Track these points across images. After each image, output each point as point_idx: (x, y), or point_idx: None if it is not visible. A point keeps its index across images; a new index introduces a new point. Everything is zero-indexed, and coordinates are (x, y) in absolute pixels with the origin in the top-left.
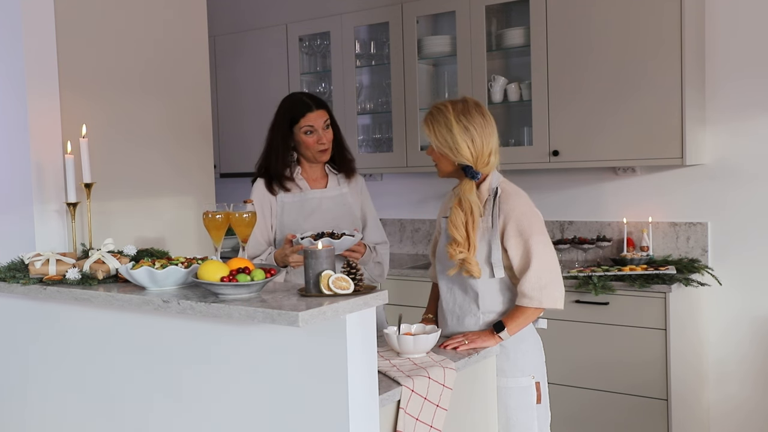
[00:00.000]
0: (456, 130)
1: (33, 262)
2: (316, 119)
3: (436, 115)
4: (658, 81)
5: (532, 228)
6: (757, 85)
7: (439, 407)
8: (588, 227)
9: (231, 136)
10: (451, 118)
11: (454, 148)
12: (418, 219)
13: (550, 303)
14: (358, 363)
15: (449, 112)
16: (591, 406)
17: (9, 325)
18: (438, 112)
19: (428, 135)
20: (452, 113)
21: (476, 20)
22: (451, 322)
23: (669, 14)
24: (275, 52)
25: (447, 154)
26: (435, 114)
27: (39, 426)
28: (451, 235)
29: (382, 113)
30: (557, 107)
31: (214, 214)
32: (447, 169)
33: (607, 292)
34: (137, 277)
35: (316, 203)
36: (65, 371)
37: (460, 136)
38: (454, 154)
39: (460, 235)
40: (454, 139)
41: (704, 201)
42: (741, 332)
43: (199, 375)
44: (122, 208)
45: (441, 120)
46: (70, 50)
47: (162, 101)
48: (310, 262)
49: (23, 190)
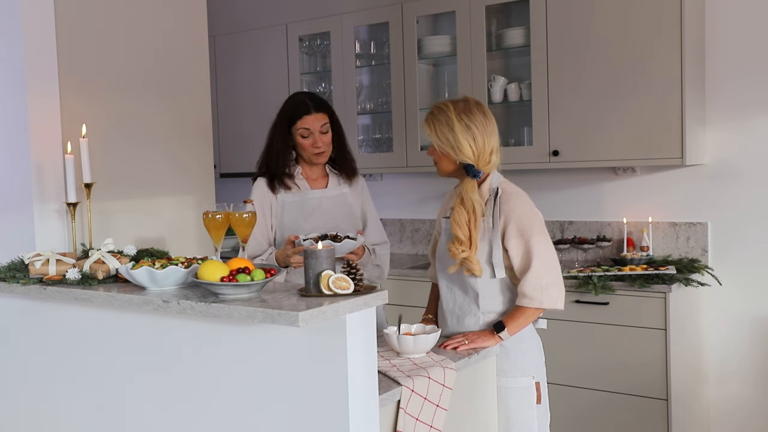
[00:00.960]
0: (458, 128)
1: (33, 262)
2: (313, 122)
3: (438, 114)
4: (658, 81)
5: (533, 228)
6: (758, 84)
7: (439, 407)
8: (588, 227)
9: (231, 136)
10: (452, 116)
11: (456, 147)
12: (418, 219)
13: (551, 303)
14: (358, 363)
15: (450, 111)
16: (591, 407)
17: (9, 325)
18: (439, 111)
19: (429, 134)
20: (453, 112)
21: (476, 20)
22: (451, 322)
23: (669, 14)
24: (275, 52)
25: (448, 153)
26: (436, 113)
27: (39, 426)
28: (454, 234)
29: (382, 113)
30: (557, 107)
31: (214, 214)
32: (448, 168)
33: (607, 292)
34: (137, 277)
35: (317, 203)
36: (65, 371)
37: (462, 135)
38: (456, 152)
39: (464, 233)
40: (456, 138)
41: (704, 201)
42: (741, 332)
43: (199, 375)
44: (122, 208)
45: (442, 119)
46: (70, 50)
47: (162, 101)
48: (310, 262)
49: (23, 190)
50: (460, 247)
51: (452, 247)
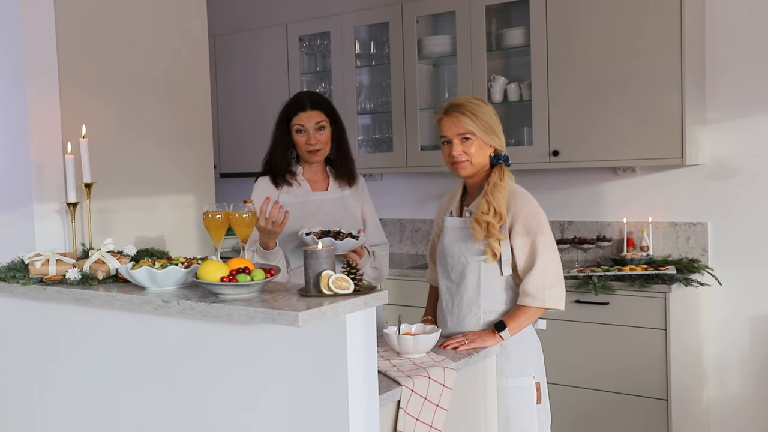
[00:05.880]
0: (495, 118)
1: (33, 262)
2: (308, 119)
3: (474, 105)
4: (658, 81)
5: (539, 228)
6: (758, 84)
7: (439, 407)
8: (588, 227)
9: (231, 136)
10: (489, 107)
11: (497, 135)
12: (418, 219)
13: (552, 303)
14: (358, 363)
15: (484, 103)
16: (591, 407)
17: (9, 325)
18: (473, 103)
19: (469, 124)
20: (486, 105)
21: (476, 20)
22: (450, 322)
23: (669, 14)
24: (275, 52)
25: (492, 140)
26: (471, 104)
27: (39, 426)
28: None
29: (382, 113)
30: (557, 107)
31: (214, 214)
32: (483, 160)
33: (607, 292)
34: (137, 277)
35: (318, 205)
36: (65, 371)
37: (498, 125)
38: (500, 139)
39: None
40: (497, 125)
41: (704, 201)
42: (741, 332)
43: (199, 375)
44: (122, 207)
45: (482, 107)
46: (70, 49)
47: (162, 101)
48: (310, 262)
49: (23, 190)
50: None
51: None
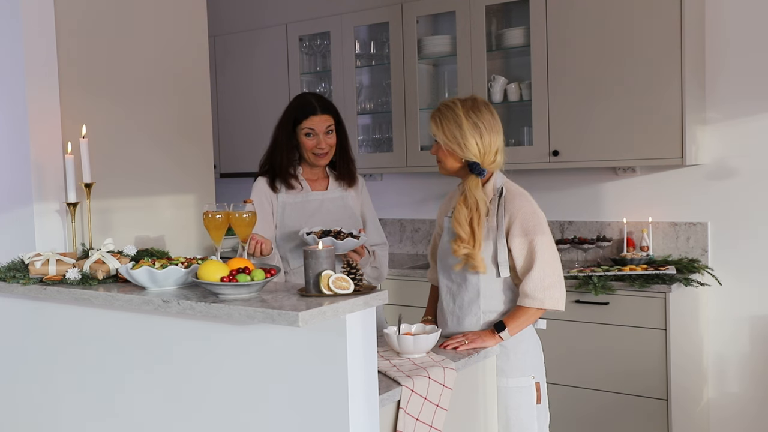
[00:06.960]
0: (465, 125)
1: (33, 262)
2: (319, 123)
3: (445, 111)
4: (658, 81)
5: (537, 228)
6: (758, 85)
7: (439, 407)
8: (588, 227)
9: (231, 136)
10: (460, 114)
11: (463, 144)
12: (418, 219)
13: (552, 304)
14: (358, 363)
15: (458, 108)
16: (591, 407)
17: (9, 325)
18: (446, 108)
19: (435, 131)
20: (461, 109)
21: (476, 20)
22: (451, 322)
23: (669, 14)
24: (275, 52)
25: (455, 151)
26: (443, 110)
27: (38, 425)
28: (456, 232)
29: (382, 113)
30: (557, 107)
31: (214, 214)
32: (453, 166)
33: (607, 292)
34: (137, 277)
35: (317, 205)
36: (65, 371)
37: (469, 132)
38: (462, 150)
39: (464, 231)
40: (463, 135)
41: (704, 201)
42: (741, 332)
43: (199, 375)
44: (122, 207)
45: (450, 116)
46: (70, 50)
47: (162, 101)
48: (310, 262)
49: (23, 190)
50: (462, 245)
51: (453, 244)
